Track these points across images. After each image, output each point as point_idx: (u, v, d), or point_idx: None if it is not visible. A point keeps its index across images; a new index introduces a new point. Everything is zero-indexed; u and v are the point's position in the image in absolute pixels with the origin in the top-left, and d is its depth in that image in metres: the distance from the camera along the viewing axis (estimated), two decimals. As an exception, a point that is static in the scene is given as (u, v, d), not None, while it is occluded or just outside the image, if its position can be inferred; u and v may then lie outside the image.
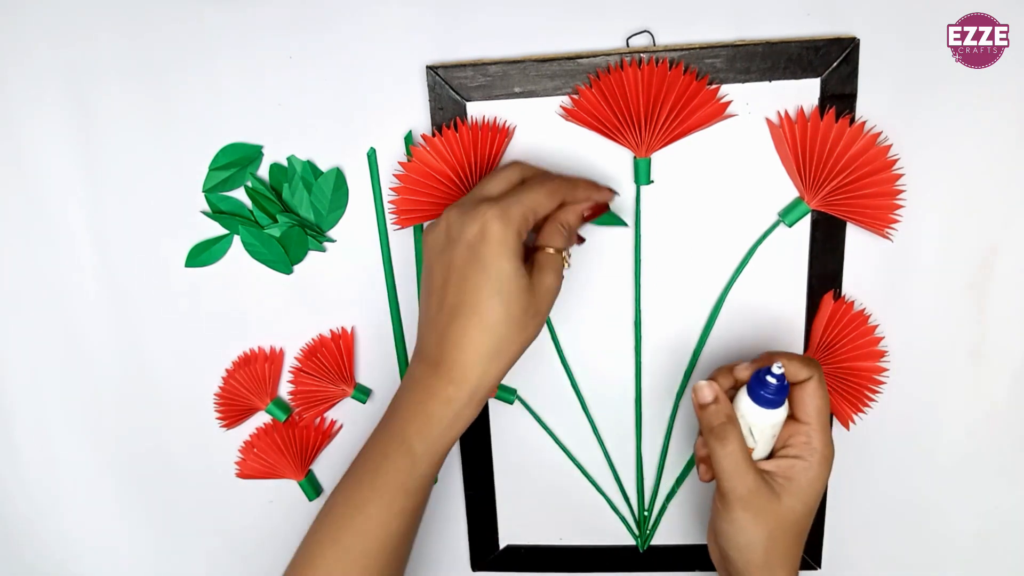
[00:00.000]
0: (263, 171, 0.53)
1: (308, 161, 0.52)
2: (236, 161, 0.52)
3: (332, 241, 0.53)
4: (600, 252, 0.52)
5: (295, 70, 0.51)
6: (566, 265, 0.44)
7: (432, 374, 0.42)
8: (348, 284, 0.54)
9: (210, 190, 0.53)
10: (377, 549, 0.44)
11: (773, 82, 0.47)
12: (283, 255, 0.53)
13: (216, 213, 0.53)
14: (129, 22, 0.51)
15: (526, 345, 0.43)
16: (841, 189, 0.47)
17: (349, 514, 0.44)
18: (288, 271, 0.54)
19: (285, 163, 0.52)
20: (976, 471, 0.54)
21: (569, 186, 0.44)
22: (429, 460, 0.43)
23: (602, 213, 0.46)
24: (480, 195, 0.43)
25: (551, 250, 0.43)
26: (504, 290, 0.41)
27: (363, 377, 0.57)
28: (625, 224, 0.51)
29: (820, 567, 0.56)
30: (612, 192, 0.47)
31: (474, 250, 0.41)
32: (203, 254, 0.54)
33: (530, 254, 0.44)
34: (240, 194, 0.53)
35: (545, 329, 0.53)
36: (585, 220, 0.45)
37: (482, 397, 0.43)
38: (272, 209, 0.52)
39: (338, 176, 0.52)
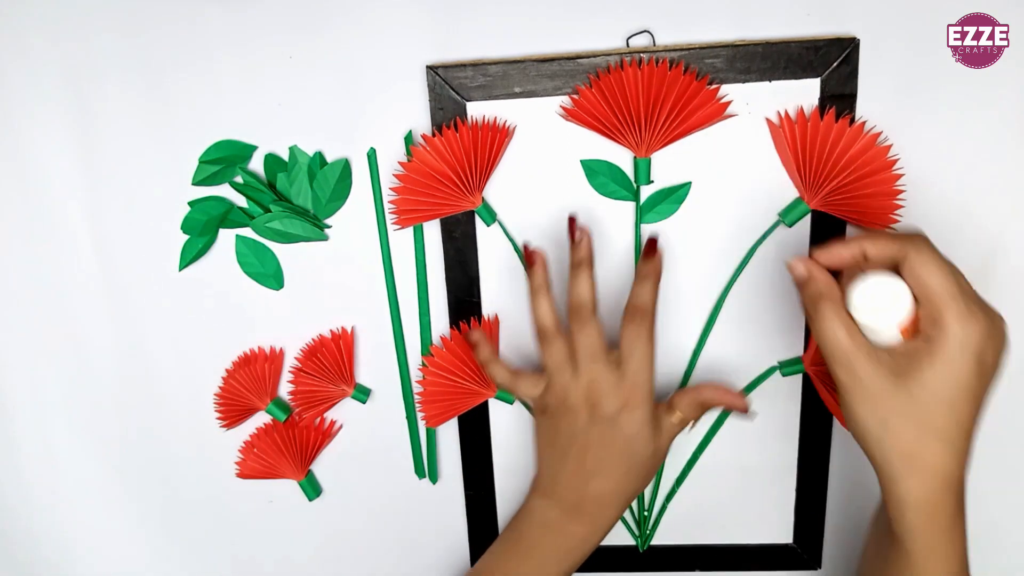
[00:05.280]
0: (256, 164, 0.53)
1: (318, 152, 0.52)
2: (226, 157, 0.52)
3: (328, 227, 0.53)
4: (600, 252, 0.52)
5: (295, 70, 0.51)
6: (690, 427, 0.49)
7: (571, 520, 0.47)
8: (348, 284, 0.54)
9: (199, 183, 0.53)
10: None
11: (773, 82, 0.47)
12: (276, 268, 0.54)
13: (194, 223, 0.53)
14: (129, 21, 0.51)
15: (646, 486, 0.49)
16: (841, 189, 0.47)
17: None
18: (279, 286, 0.54)
19: (284, 154, 0.52)
20: (975, 471, 0.54)
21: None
22: None
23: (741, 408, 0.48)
24: (612, 361, 0.47)
25: (677, 419, 0.48)
26: (638, 459, 0.47)
27: (363, 377, 0.57)
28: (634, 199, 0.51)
29: (820, 567, 0.56)
30: (743, 400, 0.48)
31: (619, 426, 0.46)
32: (191, 256, 0.54)
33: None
34: (225, 191, 0.53)
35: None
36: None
37: (611, 529, 0.48)
38: (264, 200, 0.52)
39: (345, 167, 0.52)
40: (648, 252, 0.48)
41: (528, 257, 0.49)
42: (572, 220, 0.48)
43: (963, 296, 0.36)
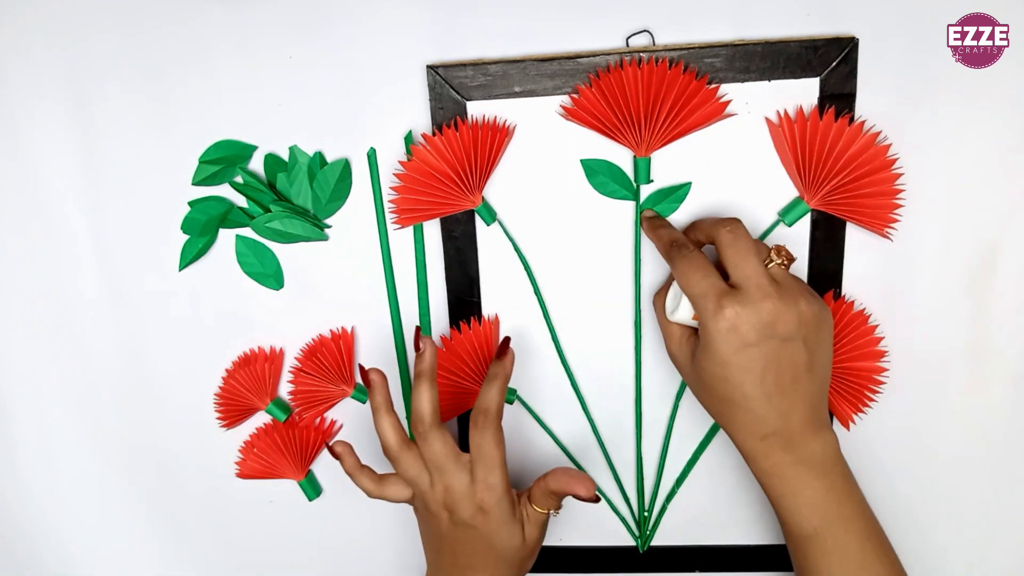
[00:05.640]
0: (257, 164, 0.53)
1: (318, 152, 0.52)
2: (226, 157, 0.52)
3: (328, 227, 0.53)
4: (600, 252, 0.52)
5: (295, 70, 0.51)
6: (554, 515, 0.49)
7: None
8: (348, 284, 0.54)
9: (199, 183, 0.53)
10: None
11: (773, 82, 0.47)
12: (276, 268, 0.54)
13: (194, 223, 0.53)
14: (129, 22, 0.51)
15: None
16: (841, 189, 0.47)
17: None
18: (278, 286, 0.55)
19: (284, 154, 0.52)
20: (976, 471, 0.54)
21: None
22: None
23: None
24: (446, 462, 0.47)
25: (540, 510, 0.48)
26: (511, 558, 0.48)
27: (363, 377, 0.57)
28: (634, 198, 0.51)
29: (820, 567, 0.56)
30: (591, 485, 0.47)
31: (477, 530, 0.47)
32: (191, 256, 0.54)
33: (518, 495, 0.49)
34: (225, 191, 0.53)
35: (545, 328, 0.53)
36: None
37: None
38: (264, 200, 0.52)
39: (345, 166, 0.52)
40: (500, 353, 0.49)
41: (364, 378, 0.48)
42: (417, 330, 0.49)
43: (712, 294, 0.42)
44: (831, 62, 0.46)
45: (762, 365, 0.41)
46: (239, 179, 0.53)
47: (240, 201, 0.53)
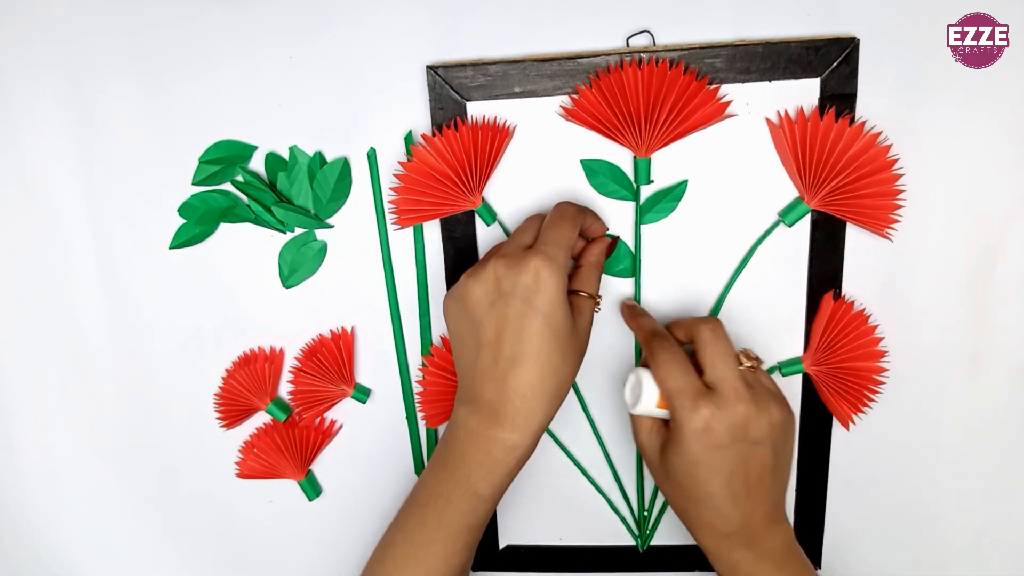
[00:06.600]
0: (258, 163, 0.53)
1: (318, 152, 0.52)
2: (226, 157, 0.52)
3: (330, 227, 0.53)
4: (600, 252, 0.52)
5: (295, 70, 0.51)
6: (597, 309, 0.48)
7: (493, 424, 0.44)
8: (348, 284, 0.55)
9: (199, 182, 0.53)
10: None
11: (773, 82, 0.47)
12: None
13: (191, 209, 0.53)
14: (129, 21, 0.51)
15: (572, 383, 0.46)
16: (841, 189, 0.47)
17: (412, 552, 0.46)
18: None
19: (284, 154, 0.52)
20: (976, 471, 0.54)
21: (581, 214, 0.47)
22: (494, 499, 0.46)
23: (613, 250, 0.51)
24: (519, 244, 0.46)
25: (585, 294, 0.47)
26: (560, 335, 0.43)
27: (363, 377, 0.57)
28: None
29: (820, 567, 0.56)
30: (605, 226, 0.50)
31: (529, 301, 0.43)
32: (182, 240, 0.54)
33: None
34: (228, 189, 0.53)
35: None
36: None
37: (540, 436, 0.45)
38: (265, 199, 0.52)
39: (344, 165, 0.52)
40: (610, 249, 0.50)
41: None
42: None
43: (690, 392, 0.42)
44: (832, 62, 0.46)
45: (731, 467, 0.42)
46: (240, 179, 0.53)
47: (244, 198, 0.53)
